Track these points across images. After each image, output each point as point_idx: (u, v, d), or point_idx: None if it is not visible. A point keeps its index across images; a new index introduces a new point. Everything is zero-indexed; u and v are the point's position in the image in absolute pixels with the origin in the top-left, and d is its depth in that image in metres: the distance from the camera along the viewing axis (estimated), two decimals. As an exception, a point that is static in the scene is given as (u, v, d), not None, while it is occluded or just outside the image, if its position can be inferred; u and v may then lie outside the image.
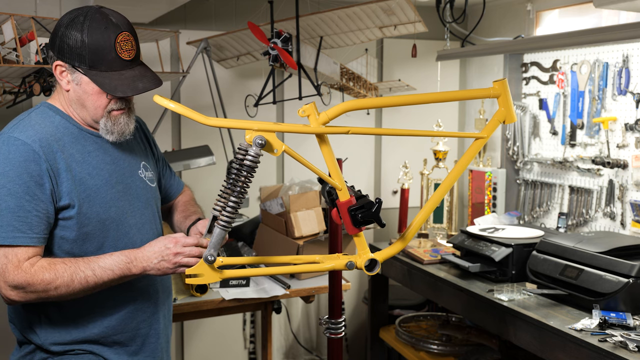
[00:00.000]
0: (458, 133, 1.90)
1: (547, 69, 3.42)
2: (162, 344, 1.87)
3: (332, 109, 1.54)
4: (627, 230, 2.97)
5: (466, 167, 1.94)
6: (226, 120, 1.61)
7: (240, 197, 1.50)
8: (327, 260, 1.69)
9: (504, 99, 1.65)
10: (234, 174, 1.50)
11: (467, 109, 4.27)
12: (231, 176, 1.50)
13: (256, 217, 3.28)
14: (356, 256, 1.66)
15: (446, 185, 1.68)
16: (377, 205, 1.56)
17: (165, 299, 1.89)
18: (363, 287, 4.11)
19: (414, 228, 1.69)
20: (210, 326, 3.79)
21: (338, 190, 1.58)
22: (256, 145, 1.47)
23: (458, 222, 3.61)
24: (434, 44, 3.93)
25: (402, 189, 3.44)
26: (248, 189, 1.53)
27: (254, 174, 1.51)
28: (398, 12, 2.86)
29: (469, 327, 3.33)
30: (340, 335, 2.08)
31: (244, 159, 1.48)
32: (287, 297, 2.77)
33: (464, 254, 2.91)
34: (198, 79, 3.41)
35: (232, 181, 1.50)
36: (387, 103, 1.74)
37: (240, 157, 1.49)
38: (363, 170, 4.10)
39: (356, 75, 3.43)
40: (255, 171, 1.51)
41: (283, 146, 1.51)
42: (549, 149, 3.43)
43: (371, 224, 1.59)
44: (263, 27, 2.82)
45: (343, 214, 1.58)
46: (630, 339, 1.96)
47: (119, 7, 2.94)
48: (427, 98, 1.70)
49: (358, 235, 1.62)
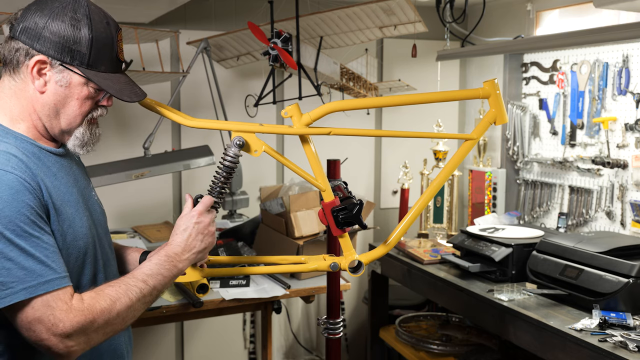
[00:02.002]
0: (447, 134, 1.88)
1: (547, 69, 3.42)
2: None
3: (315, 110, 1.55)
4: (627, 230, 2.97)
5: (455, 169, 1.92)
6: (205, 121, 1.57)
7: (220, 197, 1.52)
8: (312, 261, 1.68)
9: (495, 100, 1.63)
10: (214, 174, 1.52)
11: (467, 109, 4.27)
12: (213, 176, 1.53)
13: (256, 217, 3.27)
14: (341, 257, 1.65)
15: (434, 188, 1.67)
16: (358, 207, 1.56)
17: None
18: (363, 287, 4.11)
19: (402, 231, 1.68)
20: (210, 326, 3.79)
21: (322, 192, 1.58)
22: (235, 146, 1.49)
23: (458, 222, 3.61)
24: (434, 44, 3.93)
25: (402, 189, 3.44)
26: (227, 188, 1.55)
27: (232, 173, 1.53)
28: (398, 12, 2.86)
29: (469, 327, 3.33)
30: (338, 336, 2.08)
31: (224, 159, 1.50)
32: (287, 297, 2.77)
33: (464, 254, 2.91)
34: (198, 79, 3.42)
35: (213, 181, 1.52)
36: (373, 104, 1.74)
37: (221, 158, 1.51)
38: (363, 170, 4.10)
39: (356, 75, 3.43)
40: (234, 171, 1.53)
41: (263, 147, 1.52)
42: (549, 149, 3.43)
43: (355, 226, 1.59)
44: (263, 27, 2.82)
45: (327, 215, 1.58)
46: (630, 339, 1.96)
47: (119, 7, 2.95)
48: (414, 99, 1.69)
49: (342, 236, 1.62)
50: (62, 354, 1.26)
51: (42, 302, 1.23)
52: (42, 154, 1.40)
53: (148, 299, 1.38)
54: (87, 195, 1.52)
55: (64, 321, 1.24)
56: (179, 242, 1.48)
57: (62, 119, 1.40)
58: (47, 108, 1.39)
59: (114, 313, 1.30)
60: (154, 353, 3.69)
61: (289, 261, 1.74)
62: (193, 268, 1.57)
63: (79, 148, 1.45)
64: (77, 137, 1.43)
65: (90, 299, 1.29)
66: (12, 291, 1.22)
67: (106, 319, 1.29)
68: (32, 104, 1.39)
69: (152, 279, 1.39)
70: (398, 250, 3.25)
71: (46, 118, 1.40)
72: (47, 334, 1.23)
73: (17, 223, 1.24)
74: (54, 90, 1.38)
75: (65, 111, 1.40)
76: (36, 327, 1.24)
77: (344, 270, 1.64)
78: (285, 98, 3.61)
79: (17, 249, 1.23)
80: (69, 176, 1.45)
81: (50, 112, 1.39)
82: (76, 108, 1.40)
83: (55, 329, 1.23)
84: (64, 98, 1.39)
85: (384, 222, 4.15)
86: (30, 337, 1.25)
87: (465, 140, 1.66)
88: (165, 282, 1.43)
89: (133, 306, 1.34)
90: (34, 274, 1.23)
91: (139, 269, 1.41)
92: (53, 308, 1.24)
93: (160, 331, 3.69)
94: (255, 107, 3.10)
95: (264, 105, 3.14)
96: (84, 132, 1.43)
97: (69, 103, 1.40)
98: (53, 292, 1.25)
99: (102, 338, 1.31)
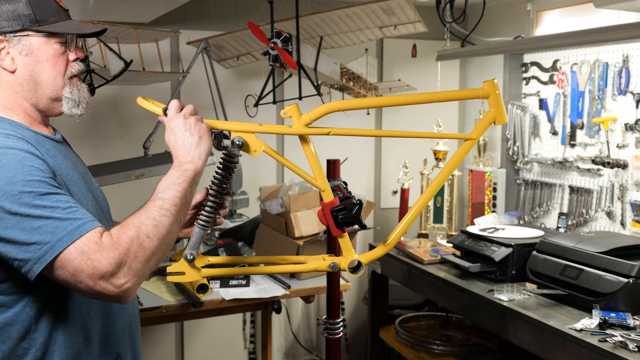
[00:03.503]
0: (447, 134, 1.88)
1: (547, 69, 3.42)
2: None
3: (315, 110, 1.55)
4: (627, 230, 2.97)
5: (455, 169, 1.92)
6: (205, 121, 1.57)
7: (219, 197, 1.52)
8: (311, 261, 1.68)
9: (494, 100, 1.62)
10: (214, 174, 1.52)
11: (467, 109, 4.27)
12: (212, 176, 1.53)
13: (256, 217, 3.27)
14: (341, 258, 1.65)
15: (434, 187, 1.66)
16: (357, 207, 1.56)
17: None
18: (363, 287, 4.11)
19: (401, 231, 1.68)
20: (210, 326, 3.79)
21: (321, 192, 1.58)
22: (234, 146, 1.49)
23: (458, 222, 3.61)
24: (434, 44, 3.93)
25: (402, 189, 3.44)
26: (227, 188, 1.54)
27: (232, 173, 1.52)
28: (398, 12, 2.86)
29: (469, 327, 3.33)
30: (338, 336, 2.08)
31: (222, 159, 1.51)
32: (287, 297, 2.77)
33: (464, 254, 2.91)
34: (198, 79, 3.41)
35: (212, 181, 1.52)
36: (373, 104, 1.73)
37: (221, 158, 1.52)
38: (363, 170, 4.10)
39: (356, 75, 3.43)
40: (233, 171, 1.52)
41: (262, 147, 1.51)
42: (549, 149, 3.43)
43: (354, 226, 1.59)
44: (263, 27, 2.82)
45: (327, 215, 1.58)
46: (630, 339, 1.96)
47: (119, 7, 2.95)
48: (414, 99, 1.69)
49: (342, 236, 1.62)
50: (119, 295, 1.26)
51: (76, 250, 1.23)
52: (39, 138, 1.42)
53: (173, 211, 1.35)
54: (89, 181, 1.54)
55: (100, 261, 1.23)
56: (175, 153, 1.44)
57: (44, 86, 1.44)
58: (27, 83, 1.42)
59: (143, 236, 1.29)
60: (154, 353, 3.69)
61: (289, 261, 1.74)
62: (192, 268, 1.57)
63: (75, 108, 1.47)
64: (67, 97, 1.46)
65: (116, 232, 1.28)
66: (50, 246, 1.23)
67: (139, 245, 1.28)
68: (13, 87, 1.43)
69: (166, 192, 1.37)
70: (398, 250, 3.25)
71: (31, 94, 1.43)
72: (93, 280, 1.23)
73: (32, 185, 1.25)
74: (23, 62, 1.41)
75: (43, 77, 1.43)
76: (80, 277, 1.23)
77: (344, 270, 1.64)
78: (285, 98, 3.61)
79: (40, 208, 1.24)
80: (68, 160, 1.47)
81: (30, 87, 1.43)
82: (51, 69, 1.43)
83: (96, 272, 1.23)
84: (35, 65, 1.42)
85: (384, 222, 4.15)
86: (81, 289, 1.25)
87: (465, 140, 1.66)
88: (183, 189, 1.38)
89: (160, 223, 1.32)
90: (63, 226, 1.24)
91: (154, 191, 1.40)
92: (87, 252, 1.23)
93: (160, 331, 3.69)
94: (255, 107, 3.09)
95: (264, 105, 3.14)
96: (72, 91, 1.46)
97: (42, 67, 1.42)
98: (83, 236, 1.24)
99: (146, 265, 1.29)
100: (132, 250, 1.26)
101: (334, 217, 1.57)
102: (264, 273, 2.81)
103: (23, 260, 1.24)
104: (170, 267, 1.56)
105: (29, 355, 1.37)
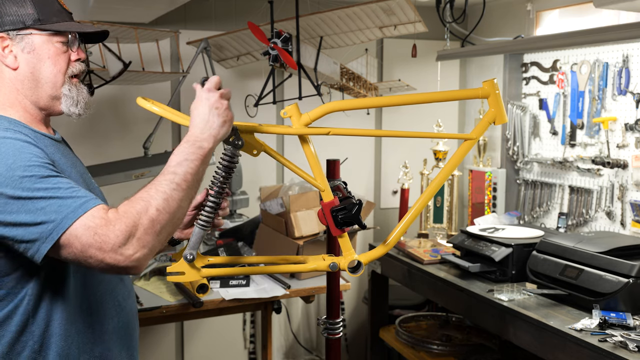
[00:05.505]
0: (447, 134, 1.88)
1: (547, 69, 3.42)
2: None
3: (315, 110, 1.55)
4: (627, 230, 2.97)
5: (455, 169, 1.92)
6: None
7: (218, 197, 1.52)
8: (311, 261, 1.68)
9: (494, 100, 1.62)
10: (214, 174, 1.52)
11: (467, 109, 4.27)
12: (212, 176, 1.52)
13: (256, 217, 3.27)
14: (341, 257, 1.65)
15: (434, 187, 1.66)
16: (357, 206, 1.56)
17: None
18: (363, 287, 4.11)
19: (401, 231, 1.68)
20: (210, 326, 3.79)
21: (321, 192, 1.58)
22: (234, 146, 1.48)
23: (458, 222, 3.61)
24: (434, 44, 3.93)
25: (402, 189, 3.44)
26: (226, 188, 1.54)
27: (232, 173, 1.52)
28: (398, 12, 2.85)
29: (469, 327, 3.33)
30: (338, 336, 2.08)
31: (223, 160, 1.50)
32: (287, 297, 2.77)
33: (464, 254, 2.91)
34: (198, 79, 3.40)
35: (212, 181, 1.52)
36: (373, 104, 1.73)
37: (221, 158, 1.51)
38: (363, 170, 4.10)
39: (356, 75, 3.43)
40: (233, 171, 1.52)
41: (262, 147, 1.52)
42: (549, 149, 3.43)
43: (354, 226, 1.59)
44: (263, 27, 2.82)
45: (326, 215, 1.58)
46: (630, 339, 1.96)
47: (119, 7, 2.95)
48: (414, 99, 1.69)
49: (342, 236, 1.62)
50: (130, 266, 1.27)
51: (83, 226, 1.24)
52: (38, 136, 1.44)
53: (184, 186, 1.35)
54: (88, 181, 1.56)
55: (107, 234, 1.24)
56: (195, 123, 1.43)
57: (44, 84, 1.46)
58: (27, 80, 1.45)
59: (153, 210, 1.29)
60: (154, 353, 3.69)
61: (289, 261, 1.74)
62: (192, 268, 1.57)
63: (73, 107, 1.49)
64: (66, 94, 1.48)
65: (124, 207, 1.29)
66: (56, 224, 1.24)
67: (149, 218, 1.28)
68: (14, 85, 1.45)
69: (179, 167, 1.36)
70: (398, 250, 3.25)
71: (31, 92, 1.46)
72: (102, 253, 1.24)
73: (32, 169, 1.27)
74: (25, 60, 1.44)
75: (44, 74, 1.45)
76: (90, 252, 1.25)
77: (343, 270, 1.64)
78: (285, 98, 3.61)
79: (42, 190, 1.26)
80: (66, 159, 1.49)
81: (31, 84, 1.45)
82: (52, 67, 1.46)
83: (105, 245, 1.24)
84: (37, 62, 1.44)
85: (384, 222, 4.15)
86: (92, 264, 1.26)
87: (465, 140, 1.66)
88: (195, 166, 1.39)
89: (170, 197, 1.32)
90: (66, 204, 1.25)
91: (166, 164, 1.39)
92: (93, 227, 1.24)
93: (160, 331, 3.69)
94: (255, 107, 3.09)
95: (264, 105, 3.14)
96: (70, 89, 1.48)
97: (44, 65, 1.45)
98: (88, 212, 1.25)
99: (156, 238, 1.30)
100: (140, 223, 1.27)
101: (333, 217, 1.57)
102: (264, 273, 2.81)
103: (30, 241, 1.25)
104: (170, 267, 1.56)
105: (27, 348, 1.38)
